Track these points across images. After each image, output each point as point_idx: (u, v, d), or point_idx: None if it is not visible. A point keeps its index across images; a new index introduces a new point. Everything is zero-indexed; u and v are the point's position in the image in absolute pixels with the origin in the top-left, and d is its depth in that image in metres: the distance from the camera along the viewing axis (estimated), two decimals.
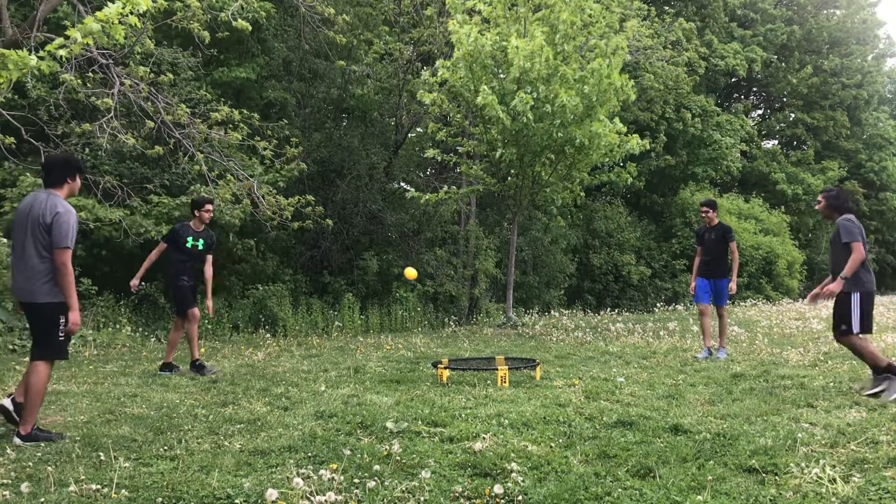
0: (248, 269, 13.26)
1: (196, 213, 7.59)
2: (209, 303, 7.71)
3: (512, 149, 12.00)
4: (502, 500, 3.28)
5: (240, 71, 13.37)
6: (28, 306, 4.50)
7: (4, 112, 9.65)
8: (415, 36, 15.52)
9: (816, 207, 6.27)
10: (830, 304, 6.23)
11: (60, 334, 4.50)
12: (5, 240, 8.24)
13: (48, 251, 4.39)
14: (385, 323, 13.72)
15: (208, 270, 7.61)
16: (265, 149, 11.57)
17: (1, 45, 8.61)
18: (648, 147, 13.34)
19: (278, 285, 13.11)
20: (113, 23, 5.18)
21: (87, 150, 11.05)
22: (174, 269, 7.50)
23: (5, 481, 3.54)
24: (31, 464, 3.84)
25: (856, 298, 5.81)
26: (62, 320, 4.47)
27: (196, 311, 7.58)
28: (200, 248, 7.55)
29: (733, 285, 8.54)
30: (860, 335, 5.82)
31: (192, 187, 11.31)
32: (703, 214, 8.79)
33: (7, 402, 4.67)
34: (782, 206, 26.70)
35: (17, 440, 4.37)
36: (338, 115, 16.44)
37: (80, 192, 10.87)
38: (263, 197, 11.25)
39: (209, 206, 7.67)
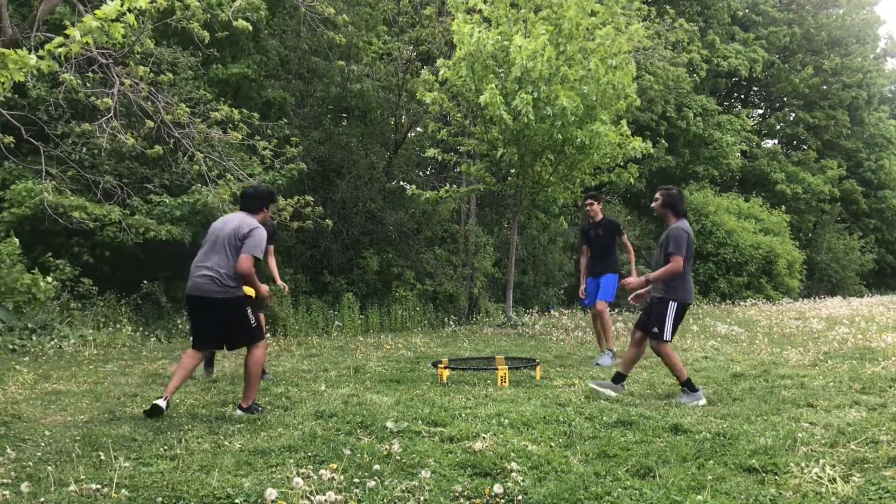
0: None
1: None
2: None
3: (513, 148, 12.00)
4: (502, 500, 3.28)
5: (236, 68, 13.37)
6: (207, 301, 5.06)
7: (4, 112, 9.65)
8: (414, 35, 15.52)
9: (653, 205, 5.95)
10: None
11: (252, 320, 5.18)
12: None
13: (237, 256, 5.04)
14: (385, 322, 13.72)
15: (272, 261, 7.83)
16: (265, 149, 11.57)
17: (1, 44, 8.61)
18: (651, 150, 13.33)
19: (276, 285, 13.09)
20: (111, 21, 5.17)
21: (84, 149, 11.06)
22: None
23: (5, 481, 3.54)
24: (31, 463, 3.84)
25: (672, 307, 5.63)
26: (249, 310, 5.17)
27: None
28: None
29: (631, 279, 7.78)
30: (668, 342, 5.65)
31: (193, 187, 11.32)
32: (588, 207, 8.30)
33: (162, 403, 5.02)
34: (783, 206, 26.71)
35: (237, 412, 5.09)
36: (337, 115, 16.44)
37: (80, 191, 10.90)
38: None
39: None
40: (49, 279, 10.20)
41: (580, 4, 11.62)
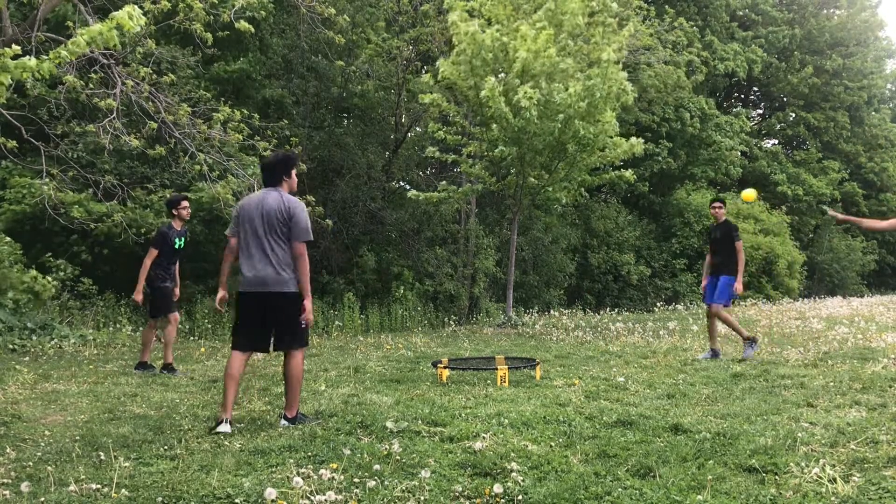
0: None
1: (175, 212, 7.54)
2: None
3: (512, 147, 11.99)
4: (502, 500, 3.28)
5: (238, 64, 13.37)
6: (271, 296, 4.66)
7: (4, 112, 9.65)
8: (413, 35, 15.52)
9: (713, 212, 7.19)
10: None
11: (303, 322, 4.75)
12: None
13: (288, 243, 4.65)
14: (385, 322, 13.71)
15: (176, 269, 7.71)
16: (265, 149, 11.57)
17: (1, 44, 8.60)
18: (650, 150, 13.36)
19: None
20: (111, 33, 5.19)
21: (80, 146, 11.06)
22: (158, 271, 7.48)
23: (5, 481, 3.54)
24: (31, 463, 3.84)
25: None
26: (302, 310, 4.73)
27: (177, 314, 7.73)
28: (183, 246, 7.62)
29: (738, 286, 8.26)
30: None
31: (194, 185, 11.32)
32: (713, 210, 8.68)
33: (227, 428, 4.60)
34: (783, 207, 26.70)
35: (283, 422, 4.73)
36: (337, 114, 16.45)
37: (80, 191, 10.90)
38: None
39: (185, 203, 7.65)
40: (49, 279, 10.20)
41: (581, 5, 11.63)
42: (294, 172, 4.94)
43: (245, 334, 4.84)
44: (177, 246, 7.51)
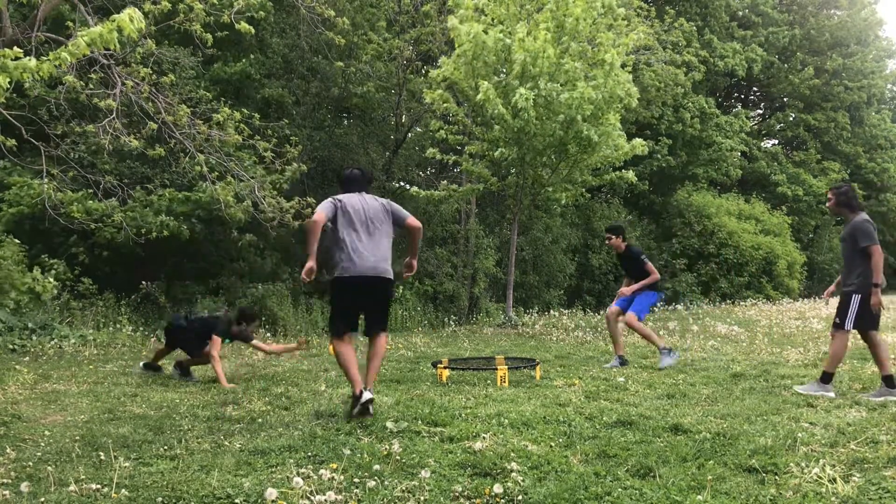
0: (245, 266, 13.27)
1: (244, 325, 7.22)
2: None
3: (513, 147, 11.99)
4: (502, 500, 3.28)
5: (238, 65, 13.38)
6: (381, 281, 5.25)
7: (4, 112, 9.66)
8: (414, 34, 15.52)
9: (827, 205, 6.25)
10: (832, 302, 6.35)
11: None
12: None
13: (392, 233, 5.37)
14: None
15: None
16: (265, 150, 11.58)
17: (1, 45, 8.61)
18: (650, 150, 13.35)
19: (278, 284, 13.11)
20: (112, 34, 5.18)
21: (84, 148, 11.06)
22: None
23: (5, 481, 3.54)
24: (30, 463, 3.84)
25: (856, 299, 5.86)
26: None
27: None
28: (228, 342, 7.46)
29: (625, 289, 8.00)
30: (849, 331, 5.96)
31: (196, 186, 11.32)
32: (608, 243, 8.28)
33: (368, 395, 4.95)
34: (783, 207, 26.70)
35: (366, 395, 4.91)
36: (338, 114, 16.45)
37: (80, 191, 10.90)
38: (264, 198, 11.25)
39: (252, 328, 7.42)
40: (50, 279, 10.21)
41: (585, 8, 11.59)
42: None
43: (344, 317, 5.39)
44: (225, 342, 7.32)
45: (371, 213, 5.29)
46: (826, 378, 5.87)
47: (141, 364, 7.60)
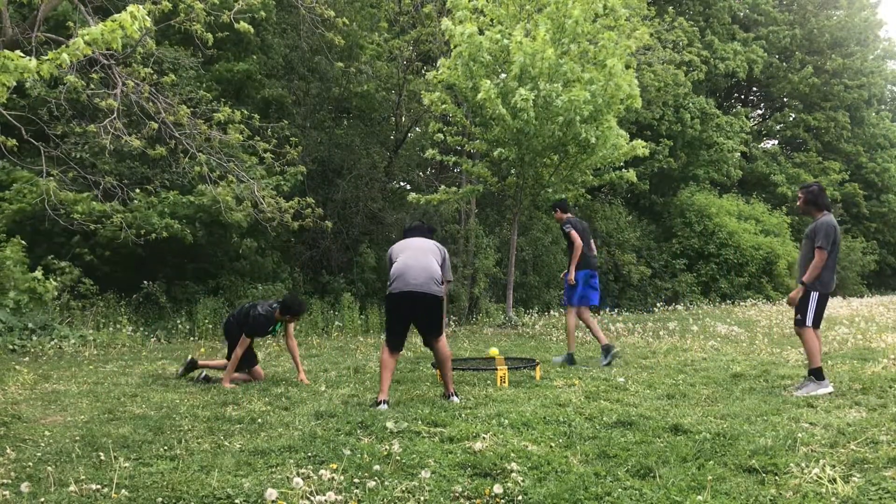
0: (247, 265, 13.27)
1: (289, 315, 6.85)
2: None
3: (513, 148, 11.99)
4: (502, 500, 3.28)
5: (241, 65, 13.38)
6: (428, 297, 5.67)
7: (4, 112, 9.66)
8: (414, 35, 15.52)
9: (797, 205, 6.38)
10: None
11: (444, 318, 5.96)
12: None
13: (441, 271, 5.94)
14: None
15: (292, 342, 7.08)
16: (265, 150, 11.57)
17: (1, 45, 8.61)
18: (651, 152, 13.34)
19: (278, 284, 13.12)
20: (115, 34, 5.18)
21: (84, 148, 11.06)
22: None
23: (5, 481, 3.54)
24: (31, 464, 3.84)
25: (814, 296, 6.03)
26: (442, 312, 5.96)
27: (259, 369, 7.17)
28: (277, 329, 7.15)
29: (570, 276, 8.13)
30: (813, 328, 6.07)
31: (198, 187, 11.33)
32: (554, 216, 8.53)
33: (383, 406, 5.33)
34: (783, 207, 26.69)
35: (454, 398, 5.61)
36: (338, 115, 16.46)
37: (80, 192, 10.91)
38: (264, 198, 11.26)
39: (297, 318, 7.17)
40: (52, 281, 10.21)
41: (585, 8, 11.57)
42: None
43: (397, 332, 5.84)
44: (272, 332, 7.04)
45: (427, 246, 6.07)
46: (817, 374, 5.93)
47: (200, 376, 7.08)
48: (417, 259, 5.82)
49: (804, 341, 6.06)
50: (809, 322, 6.00)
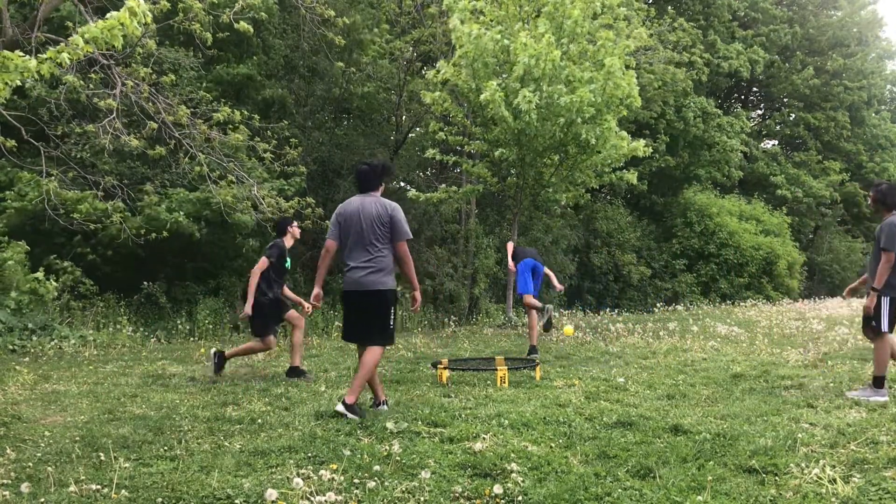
0: (245, 265, 13.27)
1: (289, 230, 7.23)
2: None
3: (513, 148, 11.99)
4: (502, 501, 3.28)
5: (242, 68, 13.38)
6: (372, 294, 4.99)
7: (4, 112, 9.66)
8: (415, 36, 15.53)
9: (869, 203, 6.25)
10: (852, 302, 6.34)
11: (392, 321, 5.07)
12: None
13: (389, 244, 5.03)
14: None
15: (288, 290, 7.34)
16: (265, 151, 11.57)
17: (1, 45, 8.61)
18: (649, 151, 13.32)
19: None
20: (114, 31, 5.18)
21: (85, 148, 11.06)
22: (262, 284, 6.97)
23: (5, 481, 3.54)
24: (30, 464, 3.84)
25: (885, 301, 5.77)
26: (392, 309, 5.08)
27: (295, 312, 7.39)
28: (290, 265, 7.39)
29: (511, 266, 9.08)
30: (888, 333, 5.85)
31: (202, 186, 11.33)
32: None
33: (343, 408, 4.93)
34: (783, 207, 26.71)
35: (339, 406, 4.92)
36: (338, 115, 16.46)
37: (82, 192, 10.91)
38: (263, 199, 11.25)
39: (296, 223, 7.43)
40: (53, 281, 10.21)
41: (584, 8, 11.56)
42: (387, 179, 5.38)
43: (348, 329, 5.24)
44: (287, 264, 7.24)
45: (368, 223, 5.03)
46: (879, 382, 5.74)
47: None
48: (361, 242, 5.06)
49: (876, 348, 5.84)
50: (885, 328, 5.76)
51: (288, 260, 7.25)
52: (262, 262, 6.96)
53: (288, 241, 7.26)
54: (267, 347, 7.22)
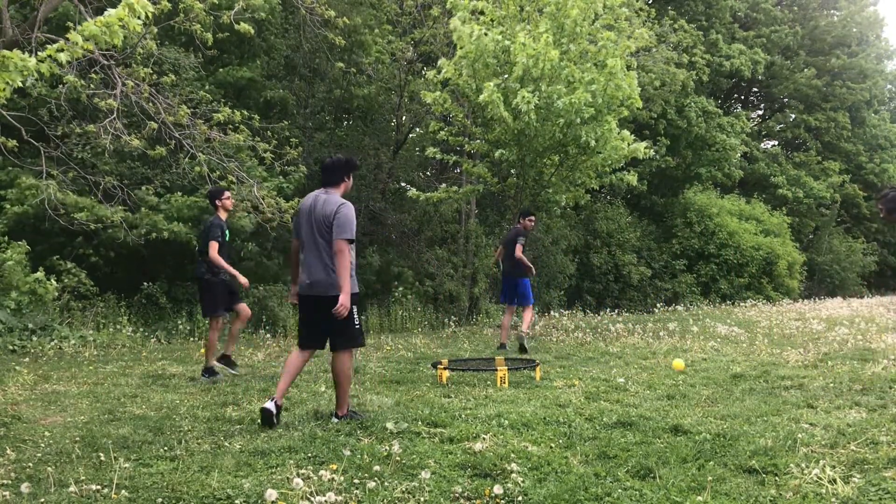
0: (252, 266, 13.28)
1: (219, 203, 7.27)
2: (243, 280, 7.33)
3: (513, 148, 11.99)
4: (502, 501, 3.28)
5: (244, 70, 13.38)
6: (326, 299, 4.70)
7: (4, 113, 9.66)
8: (416, 36, 15.53)
9: (881, 217, 6.07)
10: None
11: (356, 323, 4.85)
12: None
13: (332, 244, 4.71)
14: (385, 323, 13.71)
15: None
16: (265, 151, 11.56)
17: (1, 45, 8.61)
18: (651, 153, 13.32)
19: (279, 285, 13.11)
20: (113, 28, 5.17)
21: (85, 148, 11.06)
22: (203, 265, 7.10)
23: (5, 481, 3.54)
24: (30, 464, 3.85)
25: None
26: (356, 310, 4.82)
27: (244, 307, 7.51)
28: (228, 238, 7.40)
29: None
30: None
31: (201, 188, 11.33)
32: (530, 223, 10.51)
33: (271, 406, 4.77)
34: (783, 207, 26.71)
35: (334, 419, 4.83)
36: (339, 115, 16.46)
37: (80, 192, 10.91)
38: (263, 199, 11.25)
39: (228, 193, 7.48)
40: (54, 282, 10.21)
41: (583, 8, 11.55)
42: (352, 176, 5.19)
43: (304, 334, 5.02)
44: (227, 238, 7.25)
45: (316, 222, 4.78)
46: None
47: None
48: (311, 243, 4.82)
49: None
50: None
51: (227, 233, 7.28)
52: (214, 246, 6.98)
53: (222, 215, 7.29)
54: (244, 317, 7.45)
